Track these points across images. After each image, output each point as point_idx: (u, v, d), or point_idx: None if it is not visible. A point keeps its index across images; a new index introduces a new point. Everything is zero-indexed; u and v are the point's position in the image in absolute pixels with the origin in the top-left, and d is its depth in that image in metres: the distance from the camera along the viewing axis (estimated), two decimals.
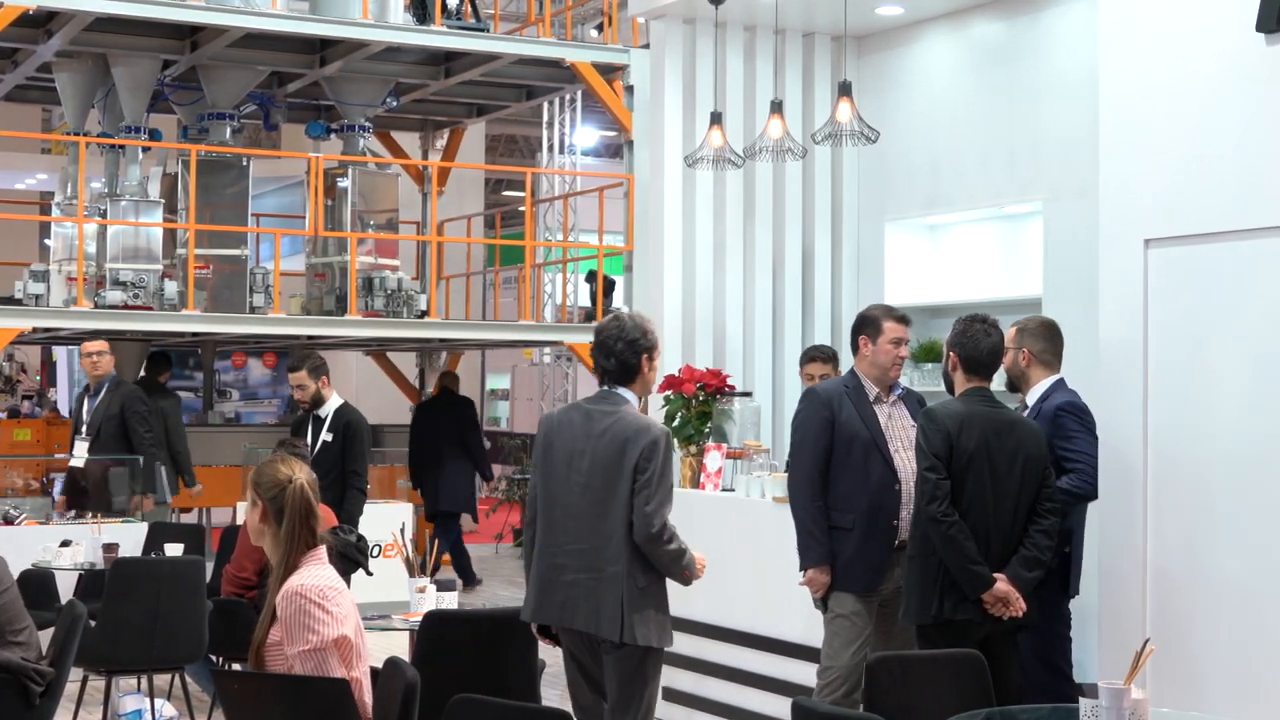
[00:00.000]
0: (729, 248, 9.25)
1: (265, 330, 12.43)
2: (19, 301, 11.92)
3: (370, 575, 7.40)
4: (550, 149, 18.49)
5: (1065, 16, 8.07)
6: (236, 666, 7.26)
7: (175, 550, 8.00)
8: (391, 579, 7.40)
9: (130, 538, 8.77)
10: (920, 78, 9.06)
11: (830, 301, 9.45)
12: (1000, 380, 6.10)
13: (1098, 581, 6.17)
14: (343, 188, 13.10)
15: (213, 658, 7.47)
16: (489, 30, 13.08)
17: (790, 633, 6.80)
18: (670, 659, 5.49)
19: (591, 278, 14.10)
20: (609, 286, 13.83)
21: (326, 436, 8.07)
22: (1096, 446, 5.91)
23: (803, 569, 6.13)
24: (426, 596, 6.22)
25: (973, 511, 5.48)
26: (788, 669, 6.81)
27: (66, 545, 8.43)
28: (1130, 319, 5.95)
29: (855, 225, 9.47)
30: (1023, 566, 5.50)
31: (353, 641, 4.32)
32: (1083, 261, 7.31)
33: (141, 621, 7.06)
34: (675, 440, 7.06)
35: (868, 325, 6.19)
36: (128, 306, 11.71)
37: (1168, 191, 5.81)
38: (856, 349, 6.21)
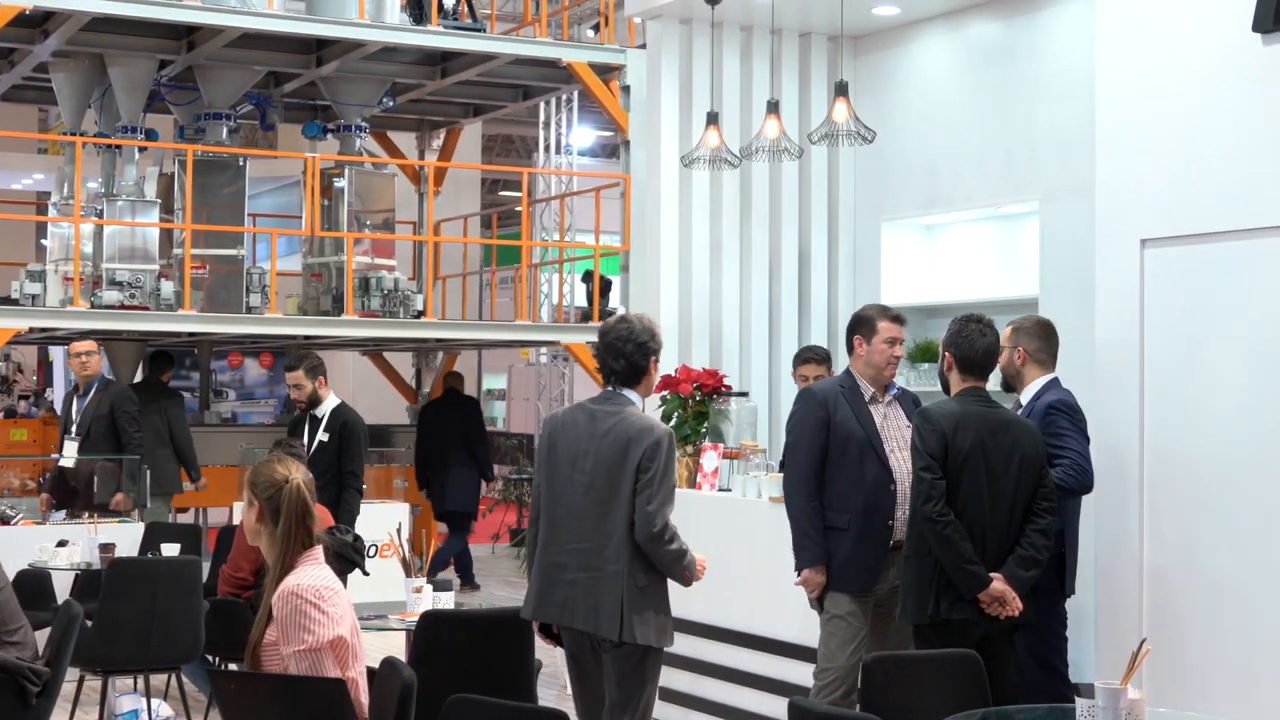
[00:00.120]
0: (725, 248, 9.26)
1: (262, 330, 12.41)
2: (15, 301, 11.90)
3: (367, 575, 7.40)
4: (547, 149, 18.45)
5: (1062, 17, 8.06)
6: (233, 666, 7.26)
7: (171, 550, 7.99)
8: (388, 579, 7.41)
9: (127, 538, 8.76)
10: (917, 78, 9.06)
11: (827, 301, 9.46)
12: (996, 380, 6.09)
13: (1094, 581, 6.18)
14: (339, 188, 13.08)
15: (209, 658, 7.47)
16: (485, 30, 13.06)
17: (786, 633, 6.80)
18: (666, 659, 5.48)
19: (588, 278, 14.09)
20: (605, 287, 13.83)
21: (323, 436, 8.07)
22: (1087, 445, 5.91)
23: (798, 569, 6.14)
24: (423, 596, 6.23)
25: (968, 511, 5.47)
26: (784, 669, 6.81)
27: (63, 545, 8.42)
28: (1126, 319, 5.96)
29: (852, 225, 9.47)
30: (1019, 566, 5.48)
31: (349, 642, 4.31)
32: (1079, 261, 7.31)
33: (138, 621, 7.05)
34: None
35: (862, 325, 6.19)
36: (124, 306, 11.69)
37: (1164, 192, 5.82)
38: (851, 349, 6.21)
